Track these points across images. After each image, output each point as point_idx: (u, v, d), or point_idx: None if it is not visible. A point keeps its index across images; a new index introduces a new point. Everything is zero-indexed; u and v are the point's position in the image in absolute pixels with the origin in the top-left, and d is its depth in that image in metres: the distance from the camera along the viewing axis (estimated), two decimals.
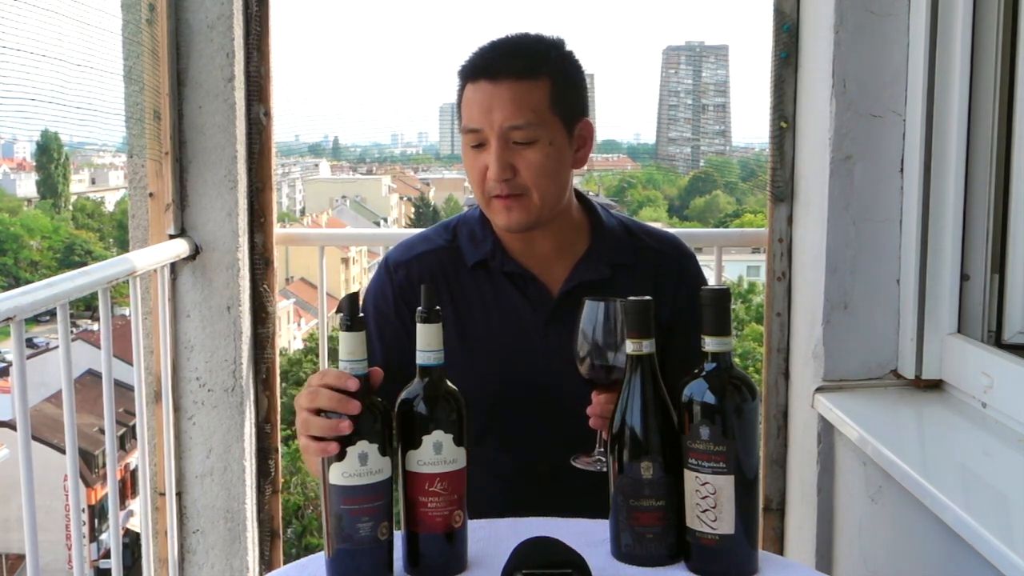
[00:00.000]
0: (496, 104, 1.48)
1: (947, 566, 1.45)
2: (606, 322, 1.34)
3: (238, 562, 2.35)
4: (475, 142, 1.51)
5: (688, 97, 45.76)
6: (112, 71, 2.14)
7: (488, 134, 1.49)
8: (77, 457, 1.71)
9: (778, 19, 2.09)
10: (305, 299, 27.00)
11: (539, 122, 1.49)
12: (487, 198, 1.53)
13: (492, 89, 1.49)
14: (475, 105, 1.50)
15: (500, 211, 1.52)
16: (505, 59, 1.50)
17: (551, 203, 1.53)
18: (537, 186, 1.50)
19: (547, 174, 1.50)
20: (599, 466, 1.37)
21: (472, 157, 1.53)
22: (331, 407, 1.16)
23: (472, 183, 1.55)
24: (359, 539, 1.17)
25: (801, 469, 2.10)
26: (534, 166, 1.49)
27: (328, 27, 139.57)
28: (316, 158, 47.97)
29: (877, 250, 1.88)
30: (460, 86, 1.55)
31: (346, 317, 1.17)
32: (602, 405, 1.36)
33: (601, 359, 1.34)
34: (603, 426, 1.37)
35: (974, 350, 1.71)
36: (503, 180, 1.49)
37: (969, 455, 1.58)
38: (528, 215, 1.51)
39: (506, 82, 1.48)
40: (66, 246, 35.28)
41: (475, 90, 1.51)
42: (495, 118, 1.48)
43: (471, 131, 1.51)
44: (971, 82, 1.73)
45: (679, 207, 37.74)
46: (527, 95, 1.49)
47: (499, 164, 1.48)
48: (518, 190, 1.50)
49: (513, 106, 1.48)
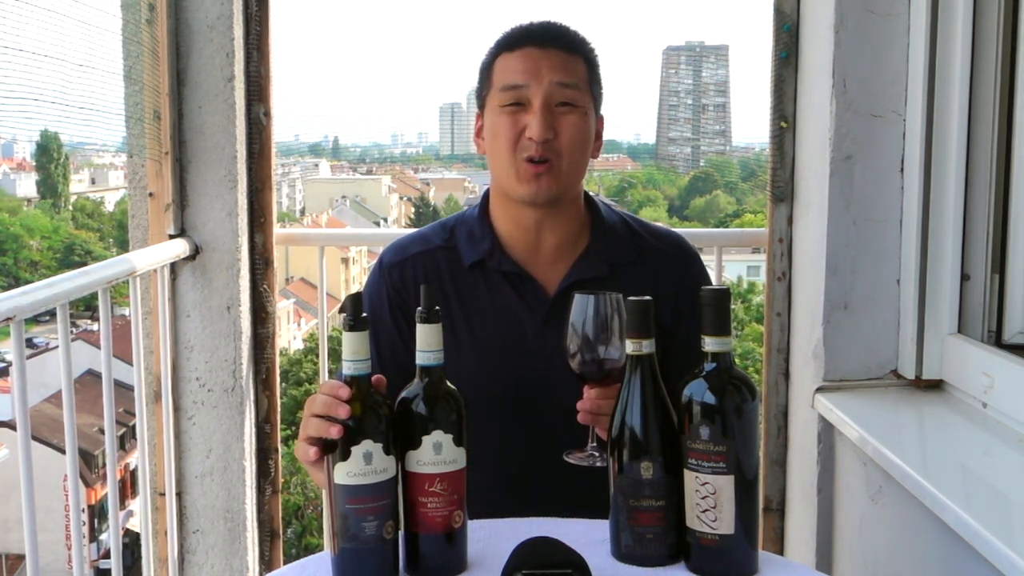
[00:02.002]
0: (544, 65, 1.51)
1: (947, 566, 1.45)
2: (596, 316, 1.33)
3: (238, 562, 2.35)
4: (512, 100, 1.51)
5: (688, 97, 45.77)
6: (112, 71, 2.14)
7: (533, 92, 1.50)
8: (77, 457, 1.70)
9: (778, 19, 2.09)
10: (305, 299, 27.01)
11: (584, 88, 1.53)
12: (518, 163, 1.51)
13: (540, 53, 1.52)
14: (520, 64, 1.52)
15: (530, 179, 1.51)
16: (551, 33, 1.55)
17: (576, 178, 1.55)
18: (571, 154, 1.51)
19: (581, 144, 1.53)
20: (592, 460, 1.37)
21: (507, 118, 1.51)
22: (324, 412, 1.18)
23: (501, 148, 1.52)
24: (364, 538, 1.17)
25: (801, 469, 2.10)
26: (573, 130, 1.51)
27: (328, 27, 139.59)
28: (316, 158, 47.98)
29: (877, 250, 1.88)
30: (491, 56, 1.56)
31: (349, 317, 1.17)
32: (592, 400, 1.36)
33: (592, 353, 1.34)
34: (592, 421, 1.37)
35: (974, 350, 1.71)
36: (543, 140, 1.48)
37: (969, 455, 1.58)
38: (557, 185, 1.51)
39: (553, 50, 1.52)
40: (66, 246, 35.29)
41: (519, 55, 1.53)
42: (543, 75, 1.50)
43: (512, 88, 1.51)
44: (971, 82, 1.73)
45: (679, 207, 37.75)
46: (573, 65, 1.53)
47: (543, 124, 1.48)
48: (552, 155, 1.50)
49: (563, 68, 1.51)
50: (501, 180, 1.56)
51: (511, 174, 1.52)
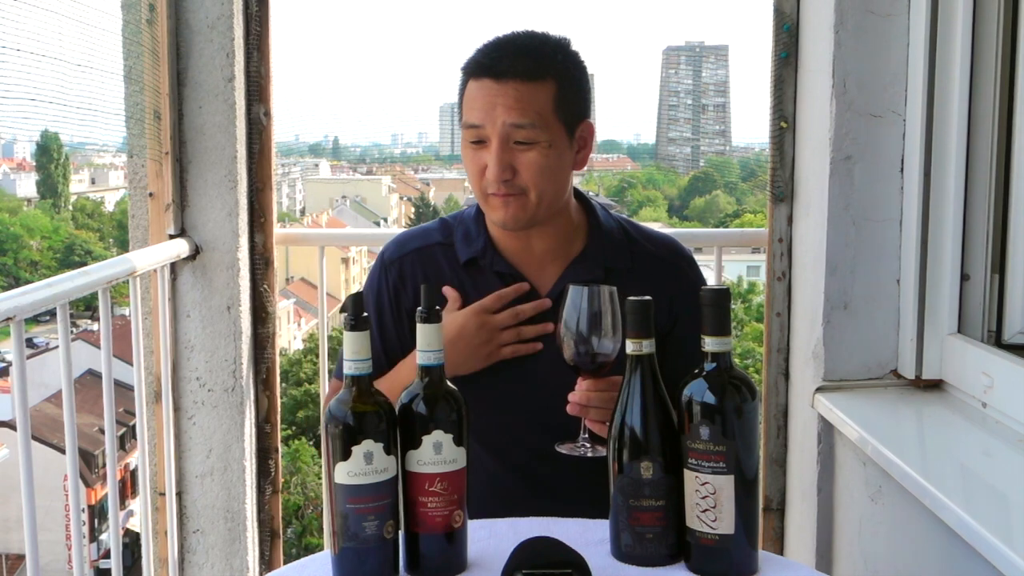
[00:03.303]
0: (500, 103, 1.47)
1: (947, 566, 1.45)
2: (590, 307, 1.34)
3: (238, 562, 2.35)
4: (475, 138, 1.50)
5: (688, 97, 45.75)
6: (112, 71, 2.14)
7: (489, 132, 1.48)
8: (77, 457, 1.71)
9: (778, 19, 2.09)
10: (305, 299, 27.01)
11: (542, 124, 1.48)
12: (484, 195, 1.53)
13: (496, 88, 1.47)
14: (478, 102, 1.49)
15: (497, 207, 1.51)
16: (510, 59, 1.49)
17: (548, 203, 1.52)
18: (536, 186, 1.49)
19: (546, 175, 1.50)
20: (583, 451, 1.37)
21: (472, 154, 1.52)
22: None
23: (470, 179, 1.55)
24: (365, 538, 1.17)
25: (801, 469, 2.10)
26: (533, 167, 1.48)
27: (328, 27, 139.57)
28: (316, 158, 47.97)
29: (877, 250, 1.88)
30: (463, 81, 1.54)
31: (350, 317, 1.17)
32: (582, 392, 1.37)
33: (585, 345, 1.34)
34: (582, 413, 1.37)
35: (974, 350, 1.71)
36: (502, 180, 1.48)
37: (969, 455, 1.58)
38: (524, 213, 1.51)
39: (511, 83, 1.47)
40: (66, 246, 35.27)
41: (479, 87, 1.49)
42: (497, 116, 1.47)
43: (472, 127, 1.50)
44: (971, 82, 1.73)
45: (679, 207, 37.74)
46: (531, 97, 1.47)
47: (499, 165, 1.47)
48: (516, 190, 1.49)
49: (517, 106, 1.47)
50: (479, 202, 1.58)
51: (483, 202, 1.55)
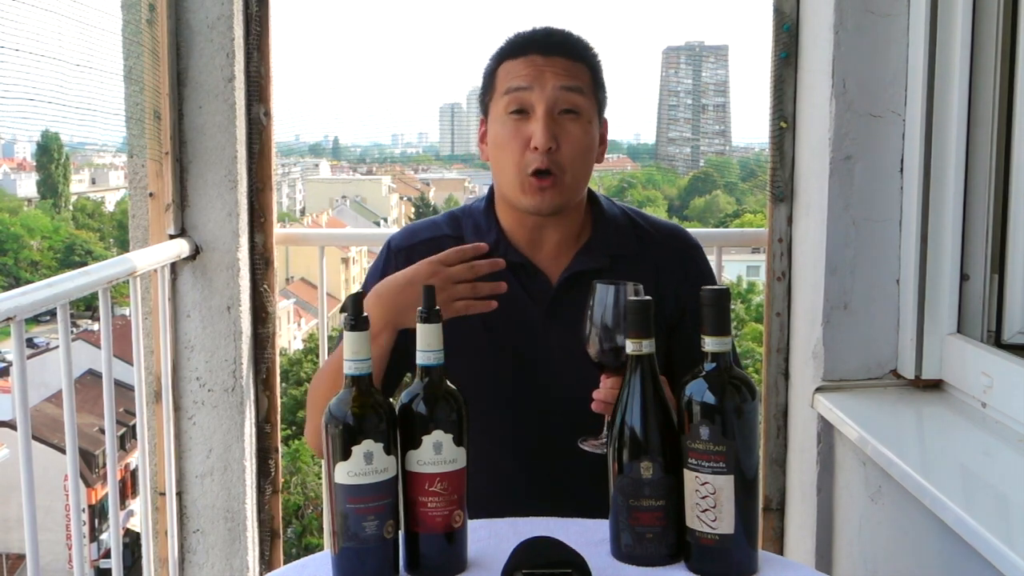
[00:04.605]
0: (548, 70, 1.51)
1: (947, 566, 1.45)
2: (615, 305, 1.34)
3: (238, 562, 2.35)
4: (517, 106, 1.51)
5: (688, 97, 45.71)
6: (112, 71, 2.14)
7: (536, 96, 1.50)
8: (77, 457, 1.71)
9: (778, 19, 2.09)
10: (305, 299, 27.00)
11: (588, 93, 1.53)
12: (522, 176, 1.52)
13: (544, 59, 1.52)
14: (524, 69, 1.52)
15: (534, 192, 1.52)
16: (555, 40, 1.55)
17: (579, 188, 1.55)
18: (574, 166, 1.52)
19: (584, 154, 1.53)
20: (604, 449, 1.37)
21: (512, 125, 1.52)
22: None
23: (504, 157, 1.53)
24: (364, 538, 1.17)
25: (801, 469, 2.10)
26: (576, 143, 1.51)
27: (328, 27, 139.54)
28: (316, 158, 47.93)
29: (877, 250, 1.88)
30: (496, 62, 1.56)
31: (350, 317, 1.17)
32: (608, 390, 1.36)
33: (610, 342, 1.34)
34: (607, 410, 1.36)
35: (974, 350, 1.71)
36: (547, 151, 1.49)
37: (969, 455, 1.58)
38: (560, 197, 1.52)
39: (558, 58, 1.52)
40: (66, 246, 35.26)
41: (524, 61, 1.53)
42: (547, 80, 1.50)
43: (517, 90, 1.51)
44: (971, 82, 1.73)
45: (679, 207, 37.71)
46: (577, 71, 1.53)
47: (546, 132, 1.48)
48: (556, 168, 1.50)
49: (566, 72, 1.51)
50: (505, 190, 1.57)
51: (515, 185, 1.53)
